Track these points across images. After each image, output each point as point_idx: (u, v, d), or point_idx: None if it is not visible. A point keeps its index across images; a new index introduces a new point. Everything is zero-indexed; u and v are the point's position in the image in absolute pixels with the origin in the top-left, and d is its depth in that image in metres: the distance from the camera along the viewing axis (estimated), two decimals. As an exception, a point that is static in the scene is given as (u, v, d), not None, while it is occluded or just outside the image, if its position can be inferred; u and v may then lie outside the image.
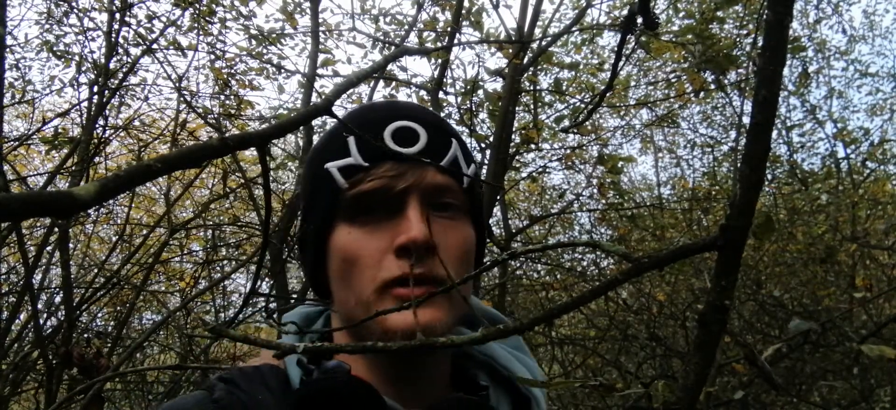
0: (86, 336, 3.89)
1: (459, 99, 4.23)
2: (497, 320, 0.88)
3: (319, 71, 3.74)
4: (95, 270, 3.92)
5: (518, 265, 5.43)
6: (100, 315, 4.66)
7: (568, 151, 4.98)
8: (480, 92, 4.10)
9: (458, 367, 0.84)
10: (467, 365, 0.84)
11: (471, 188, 0.80)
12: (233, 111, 4.10)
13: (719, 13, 3.68)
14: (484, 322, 0.88)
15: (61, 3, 3.68)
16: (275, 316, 0.88)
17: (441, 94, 4.08)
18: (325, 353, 0.78)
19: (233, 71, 4.13)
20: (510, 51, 3.79)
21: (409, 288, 0.72)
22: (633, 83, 5.50)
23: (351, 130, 0.77)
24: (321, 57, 3.74)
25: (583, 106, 4.54)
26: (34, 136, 3.40)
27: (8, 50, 2.80)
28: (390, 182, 0.75)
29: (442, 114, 4.12)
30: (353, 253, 0.75)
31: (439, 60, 3.99)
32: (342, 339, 0.81)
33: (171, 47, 3.68)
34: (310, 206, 0.82)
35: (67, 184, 3.12)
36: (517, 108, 4.26)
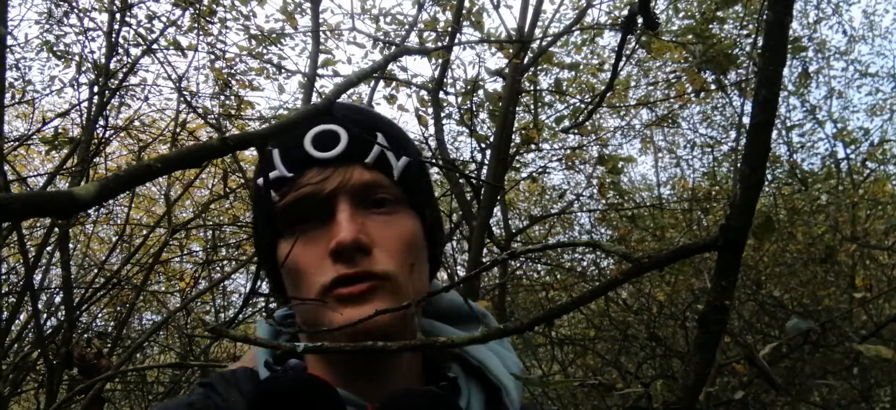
0: (86, 336, 3.89)
1: (460, 99, 4.23)
2: (478, 316, 0.87)
3: (320, 71, 3.74)
4: (95, 270, 3.92)
5: (518, 265, 5.43)
6: (100, 315, 4.66)
7: (568, 151, 4.97)
8: (481, 92, 4.10)
9: (433, 361, 0.84)
10: (441, 359, 0.84)
11: (407, 177, 0.80)
12: (233, 111, 4.10)
13: (719, 13, 3.68)
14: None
15: (61, 3, 3.67)
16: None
17: (441, 94, 4.08)
18: (293, 354, 0.79)
19: (233, 71, 4.13)
20: (510, 51, 3.78)
21: (347, 287, 0.73)
22: (633, 83, 5.49)
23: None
24: (321, 57, 3.74)
25: (583, 106, 4.54)
26: (34, 136, 3.40)
27: (8, 50, 2.80)
28: (315, 188, 0.76)
29: (442, 114, 4.12)
30: (295, 264, 0.76)
31: (440, 60, 3.99)
32: (304, 340, 0.81)
33: (171, 47, 3.67)
34: (255, 224, 0.84)
35: (67, 184, 3.12)
36: (517, 108, 4.26)
